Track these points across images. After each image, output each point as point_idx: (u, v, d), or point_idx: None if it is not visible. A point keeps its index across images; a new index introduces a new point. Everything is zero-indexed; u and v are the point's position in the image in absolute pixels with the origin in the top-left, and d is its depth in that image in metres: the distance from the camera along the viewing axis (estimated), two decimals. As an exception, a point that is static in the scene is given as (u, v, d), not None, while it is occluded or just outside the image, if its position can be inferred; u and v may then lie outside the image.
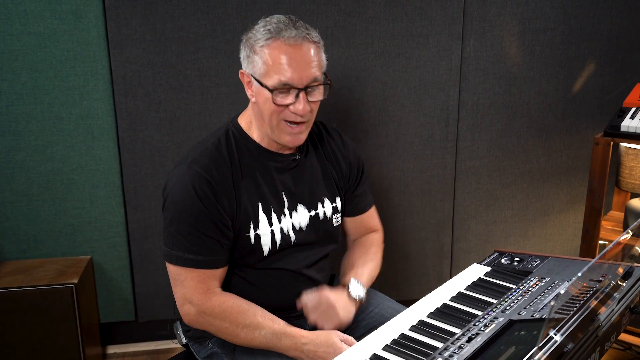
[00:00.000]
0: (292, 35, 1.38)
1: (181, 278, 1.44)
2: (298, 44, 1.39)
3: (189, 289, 1.44)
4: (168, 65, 2.24)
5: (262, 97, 1.43)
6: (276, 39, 1.39)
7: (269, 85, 1.40)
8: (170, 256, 1.44)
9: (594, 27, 2.53)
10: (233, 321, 1.43)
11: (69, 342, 2.19)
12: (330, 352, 1.37)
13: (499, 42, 2.47)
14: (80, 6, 2.15)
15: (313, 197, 1.60)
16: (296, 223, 1.56)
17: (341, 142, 1.69)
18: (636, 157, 2.28)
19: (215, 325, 1.44)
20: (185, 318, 1.47)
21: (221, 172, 1.45)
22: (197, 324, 1.47)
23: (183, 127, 2.31)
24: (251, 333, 1.42)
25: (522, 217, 2.72)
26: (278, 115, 1.44)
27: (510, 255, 1.66)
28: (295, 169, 1.57)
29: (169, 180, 1.48)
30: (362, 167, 1.72)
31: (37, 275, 2.20)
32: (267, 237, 1.51)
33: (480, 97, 2.53)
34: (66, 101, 2.23)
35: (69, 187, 2.31)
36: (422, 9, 2.37)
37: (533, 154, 2.65)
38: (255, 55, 1.41)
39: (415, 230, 2.63)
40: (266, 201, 1.51)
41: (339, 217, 1.67)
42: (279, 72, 1.38)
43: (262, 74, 1.41)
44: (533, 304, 1.35)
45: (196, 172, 1.42)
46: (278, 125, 1.45)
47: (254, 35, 1.42)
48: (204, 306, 1.43)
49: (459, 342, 1.20)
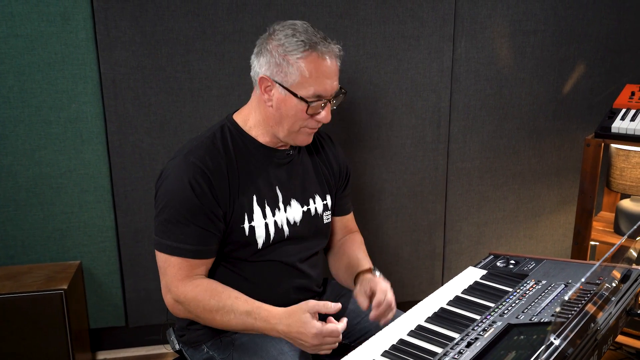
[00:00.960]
0: (326, 49, 1.44)
1: (164, 265, 1.45)
2: (330, 57, 1.45)
3: (169, 276, 1.45)
4: (158, 67, 2.22)
5: (288, 105, 1.46)
6: (312, 51, 1.42)
7: (304, 96, 1.44)
8: (160, 244, 1.45)
9: (583, 28, 2.54)
10: (206, 305, 1.42)
11: (59, 348, 2.16)
12: (303, 332, 1.32)
13: (489, 44, 2.48)
14: (68, 8, 2.12)
15: (305, 193, 1.63)
16: (290, 217, 1.58)
17: (331, 142, 1.75)
18: (627, 158, 2.29)
19: (192, 311, 1.44)
20: (169, 308, 1.49)
21: (216, 163, 1.47)
22: (180, 313, 1.48)
23: (173, 130, 2.29)
24: (226, 316, 1.41)
25: (514, 218, 2.73)
26: (302, 122, 1.48)
27: (505, 258, 1.66)
28: (288, 165, 1.60)
29: (164, 171, 1.50)
30: (349, 169, 1.78)
31: (25, 282, 2.17)
32: (262, 229, 1.52)
33: (471, 99, 2.53)
34: (54, 104, 2.20)
35: (57, 191, 2.28)
36: (413, 10, 2.37)
37: (524, 155, 2.66)
38: (290, 66, 1.42)
39: (408, 232, 2.63)
40: (260, 194, 1.53)
41: (329, 215, 1.70)
42: (315, 84, 1.43)
43: (295, 84, 1.43)
44: (531, 307, 1.35)
45: (191, 162, 1.44)
46: (298, 131, 1.50)
47: (284, 45, 1.43)
48: (177, 292, 1.44)
49: (459, 347, 1.20)
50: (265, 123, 1.53)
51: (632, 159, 2.28)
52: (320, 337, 1.31)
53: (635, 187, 2.29)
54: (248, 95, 1.60)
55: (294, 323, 1.33)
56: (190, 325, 1.58)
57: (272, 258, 1.56)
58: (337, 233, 1.79)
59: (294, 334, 1.33)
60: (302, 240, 1.61)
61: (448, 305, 1.42)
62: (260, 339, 1.49)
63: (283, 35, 1.44)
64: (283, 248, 1.57)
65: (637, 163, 2.27)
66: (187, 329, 1.59)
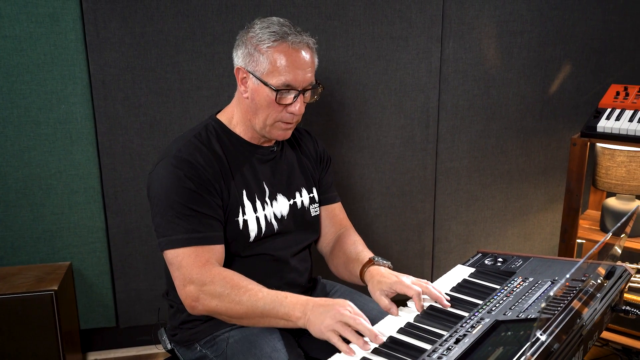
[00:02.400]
0: (297, 40, 1.49)
1: (179, 259, 1.44)
2: (301, 49, 1.49)
3: (187, 267, 1.43)
4: (148, 68, 2.22)
5: (260, 94, 1.50)
6: (283, 41, 1.47)
7: (273, 84, 1.48)
8: (169, 243, 1.45)
9: (569, 29, 2.57)
10: (235, 285, 1.41)
11: (49, 350, 2.16)
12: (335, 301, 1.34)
13: (477, 45, 2.50)
14: (57, 9, 2.12)
15: (291, 187, 1.67)
16: (277, 212, 1.61)
17: (309, 136, 1.81)
18: (612, 157, 2.33)
19: (217, 294, 1.41)
20: (187, 303, 1.45)
21: (206, 158, 1.50)
22: (200, 304, 1.43)
23: (163, 131, 2.30)
24: (254, 295, 1.39)
25: (502, 217, 2.76)
26: (276, 114, 1.52)
27: (493, 255, 1.69)
28: (273, 161, 1.65)
29: (153, 175, 1.51)
30: (329, 158, 1.82)
31: (15, 283, 2.17)
32: (254, 223, 1.55)
33: (459, 99, 2.55)
34: (44, 105, 2.20)
35: (47, 192, 2.27)
36: (401, 11, 2.39)
37: (512, 154, 2.68)
38: (261, 55, 1.48)
39: (397, 232, 2.65)
40: (250, 189, 1.57)
41: (317, 207, 1.74)
42: (285, 74, 1.47)
43: (265, 73, 1.48)
44: (518, 304, 1.37)
45: (183, 159, 1.47)
46: (273, 124, 1.53)
47: (258, 36, 1.49)
48: (204, 277, 1.42)
49: (447, 344, 1.22)
50: (244, 117, 1.57)
51: (617, 157, 2.31)
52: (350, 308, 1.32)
53: (621, 186, 2.33)
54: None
55: (329, 300, 1.36)
56: (182, 324, 1.59)
57: (263, 251, 1.58)
58: (327, 226, 1.79)
59: (322, 303, 1.34)
60: (291, 234, 1.65)
61: (437, 303, 1.44)
62: (254, 337, 1.49)
63: (258, 28, 1.51)
64: (273, 242, 1.60)
65: (622, 162, 2.30)
66: (180, 328, 1.60)
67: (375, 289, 1.50)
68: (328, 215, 1.79)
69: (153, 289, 2.43)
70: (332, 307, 1.32)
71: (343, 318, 1.29)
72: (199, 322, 1.57)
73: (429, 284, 1.46)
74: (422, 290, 1.43)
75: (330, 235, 1.80)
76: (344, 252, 1.70)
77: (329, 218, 1.80)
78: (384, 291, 1.47)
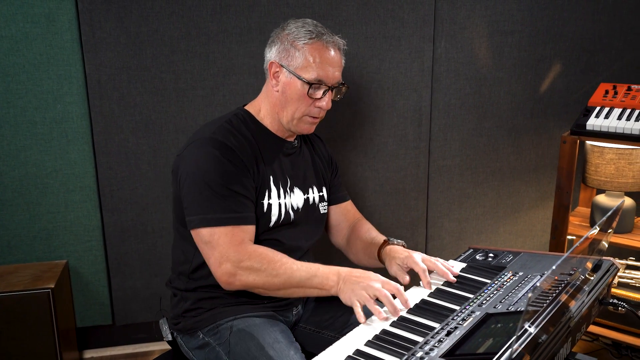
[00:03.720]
0: (331, 40, 1.61)
1: (215, 238, 1.49)
2: (334, 48, 1.61)
3: (224, 246, 1.48)
4: (143, 68, 2.24)
5: (292, 88, 1.59)
6: (318, 40, 1.59)
7: (307, 78, 1.57)
8: (205, 220, 1.49)
9: (559, 29, 2.61)
10: (270, 260, 1.49)
11: (46, 347, 2.17)
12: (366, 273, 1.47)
13: (469, 44, 2.54)
14: (52, 9, 2.14)
15: (306, 182, 1.75)
16: (294, 203, 1.69)
17: (320, 140, 1.90)
18: (601, 154, 2.36)
19: (255, 269, 1.48)
20: (223, 279, 1.50)
21: (239, 141, 1.57)
22: (237, 279, 1.49)
23: (159, 130, 2.32)
24: (289, 268, 1.49)
25: (494, 214, 2.80)
26: (305, 107, 1.61)
27: (484, 251, 1.72)
28: (293, 155, 1.74)
29: (186, 156, 1.56)
30: (335, 161, 1.92)
31: (12, 281, 2.18)
32: (276, 208, 1.63)
33: (451, 98, 2.58)
34: (40, 105, 2.21)
35: (43, 191, 2.29)
36: (394, 11, 2.42)
37: (503, 152, 2.72)
38: (297, 50, 1.58)
39: (390, 229, 2.68)
40: (276, 176, 1.65)
41: (325, 206, 1.82)
42: (318, 69, 1.58)
43: (300, 67, 1.58)
44: (508, 297, 1.40)
45: (218, 140, 1.53)
46: (301, 117, 1.62)
47: (294, 33, 1.59)
48: (241, 254, 1.48)
49: (439, 336, 1.25)
50: (272, 110, 1.65)
51: (607, 155, 2.35)
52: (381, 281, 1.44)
53: (610, 183, 2.36)
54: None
55: (362, 271, 1.48)
56: (186, 312, 1.62)
57: (275, 238, 1.64)
58: (341, 221, 1.89)
59: (356, 274, 1.47)
60: (302, 226, 1.71)
61: (429, 297, 1.47)
62: (256, 327, 1.53)
63: (294, 27, 1.61)
64: (286, 231, 1.66)
65: (611, 159, 2.34)
66: (183, 316, 1.63)
67: (391, 264, 1.64)
68: (342, 212, 1.89)
69: (149, 287, 2.45)
70: (364, 279, 1.44)
71: (371, 289, 1.41)
72: (203, 310, 1.60)
73: (438, 261, 1.57)
74: (430, 267, 1.56)
75: (345, 229, 1.89)
76: (360, 240, 1.81)
77: (343, 214, 1.89)
78: (399, 266, 1.62)
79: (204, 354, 1.59)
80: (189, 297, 1.62)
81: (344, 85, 1.68)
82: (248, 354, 1.48)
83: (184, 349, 1.66)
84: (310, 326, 1.71)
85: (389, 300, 1.38)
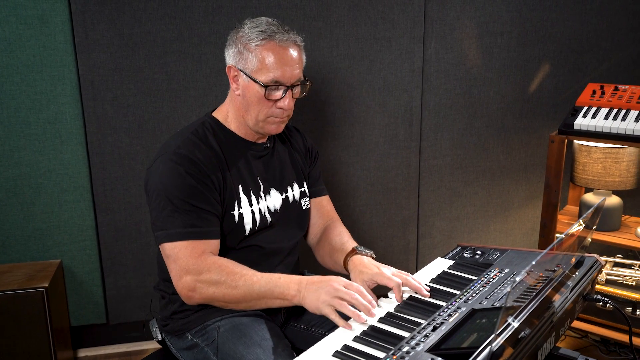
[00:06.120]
0: (284, 38, 1.56)
1: (175, 251, 1.49)
2: (288, 46, 1.57)
3: (184, 258, 1.48)
4: (136, 69, 2.26)
5: (251, 91, 1.57)
6: (270, 40, 1.55)
7: (262, 81, 1.55)
8: (167, 236, 1.50)
9: (547, 29, 2.64)
10: (230, 272, 1.47)
11: (40, 347, 2.19)
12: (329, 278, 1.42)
13: (458, 45, 2.57)
14: (46, 11, 2.16)
15: (283, 182, 1.74)
16: (271, 205, 1.68)
17: (297, 132, 1.88)
18: (589, 153, 2.39)
19: (214, 281, 1.47)
20: (183, 293, 1.50)
21: (205, 155, 1.56)
22: (196, 293, 1.48)
23: (152, 131, 2.34)
24: (249, 279, 1.46)
25: (484, 213, 2.83)
26: (267, 110, 1.58)
27: (472, 249, 1.74)
28: (265, 157, 1.71)
29: (153, 171, 1.55)
30: (317, 153, 1.90)
31: (6, 280, 2.20)
32: (249, 216, 1.61)
33: (442, 98, 2.61)
34: (33, 106, 2.23)
35: (37, 191, 2.31)
36: (384, 13, 2.45)
37: (493, 152, 2.75)
38: (250, 53, 1.56)
39: (382, 228, 2.71)
40: (245, 183, 1.63)
41: (307, 201, 1.81)
42: (273, 70, 1.55)
43: (255, 70, 1.56)
44: (493, 293, 1.43)
45: (182, 155, 1.53)
46: (265, 119, 1.60)
47: (247, 35, 1.57)
48: (201, 267, 1.47)
49: (425, 332, 1.27)
50: (237, 115, 1.64)
51: (594, 154, 2.38)
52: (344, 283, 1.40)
53: (597, 181, 2.40)
54: (225, 95, 1.68)
55: (321, 277, 1.45)
56: (174, 314, 1.64)
57: (255, 243, 1.64)
58: (315, 217, 1.85)
59: (315, 280, 1.43)
60: (282, 227, 1.71)
61: (417, 294, 1.49)
62: (244, 326, 1.55)
63: (247, 28, 1.59)
64: (265, 235, 1.66)
65: (599, 158, 2.37)
66: (171, 319, 1.65)
67: (357, 278, 1.56)
68: (316, 207, 1.86)
69: (142, 286, 2.47)
70: (327, 283, 1.41)
71: (338, 293, 1.38)
72: (190, 312, 1.61)
73: (409, 276, 1.51)
74: (402, 281, 1.48)
75: (318, 226, 1.86)
76: (329, 243, 1.77)
77: (317, 210, 1.86)
78: (365, 282, 1.52)
79: (192, 354, 1.60)
80: (177, 300, 1.62)
81: (308, 82, 1.64)
82: (236, 352, 1.49)
83: (173, 350, 1.67)
84: (300, 324, 1.73)
85: (359, 301, 1.36)
